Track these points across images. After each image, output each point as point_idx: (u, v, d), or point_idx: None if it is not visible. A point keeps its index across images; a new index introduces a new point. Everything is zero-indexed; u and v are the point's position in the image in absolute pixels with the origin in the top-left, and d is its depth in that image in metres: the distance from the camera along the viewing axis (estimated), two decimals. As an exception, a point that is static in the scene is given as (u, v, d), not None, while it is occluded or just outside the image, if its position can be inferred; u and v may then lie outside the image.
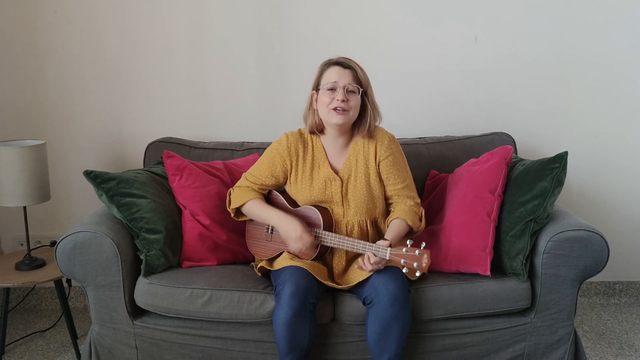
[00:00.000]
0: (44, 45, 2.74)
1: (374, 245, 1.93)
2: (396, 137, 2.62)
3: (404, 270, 1.88)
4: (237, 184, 2.21)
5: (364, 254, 1.96)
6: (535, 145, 2.83)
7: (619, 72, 2.79)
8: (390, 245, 1.92)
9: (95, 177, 2.13)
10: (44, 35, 2.73)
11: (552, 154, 2.16)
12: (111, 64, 2.76)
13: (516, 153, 2.53)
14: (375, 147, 2.12)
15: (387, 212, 2.16)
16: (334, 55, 2.10)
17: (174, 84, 2.79)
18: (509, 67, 2.79)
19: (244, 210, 2.16)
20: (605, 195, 2.91)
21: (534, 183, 2.10)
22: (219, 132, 2.82)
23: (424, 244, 1.88)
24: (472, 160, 2.35)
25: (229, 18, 2.74)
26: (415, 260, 1.84)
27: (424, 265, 1.84)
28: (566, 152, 2.09)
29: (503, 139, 2.58)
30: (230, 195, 2.19)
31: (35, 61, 2.75)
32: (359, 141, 2.13)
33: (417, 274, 1.87)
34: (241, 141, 2.66)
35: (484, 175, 2.20)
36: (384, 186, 2.14)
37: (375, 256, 1.92)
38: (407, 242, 1.87)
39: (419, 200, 2.16)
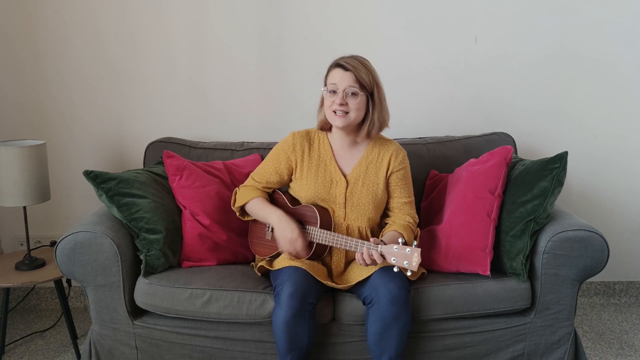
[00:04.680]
0: (44, 45, 2.74)
1: (365, 242, 1.92)
2: (396, 137, 2.63)
3: (394, 270, 1.86)
4: (243, 184, 2.22)
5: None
6: (535, 145, 2.83)
7: (619, 71, 2.79)
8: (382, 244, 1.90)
9: (95, 177, 2.13)
10: (44, 35, 2.72)
11: (552, 154, 2.16)
12: (111, 64, 2.76)
13: (516, 153, 2.53)
14: (390, 158, 2.13)
15: (383, 224, 2.16)
16: (336, 55, 2.09)
17: (174, 84, 2.79)
18: (509, 67, 2.79)
19: (247, 208, 2.17)
20: (605, 195, 2.91)
21: (534, 183, 2.10)
22: (219, 132, 2.82)
23: (415, 243, 1.87)
24: (472, 160, 2.35)
25: (229, 18, 2.74)
26: (405, 258, 1.82)
27: (414, 263, 1.81)
28: (566, 152, 2.09)
29: (503, 139, 2.58)
30: (235, 194, 2.20)
31: (35, 61, 2.75)
32: (374, 149, 2.14)
33: (409, 273, 1.85)
34: (241, 141, 2.66)
35: (484, 175, 2.20)
36: (389, 198, 2.14)
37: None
38: (399, 240, 1.85)
39: (417, 220, 2.17)
